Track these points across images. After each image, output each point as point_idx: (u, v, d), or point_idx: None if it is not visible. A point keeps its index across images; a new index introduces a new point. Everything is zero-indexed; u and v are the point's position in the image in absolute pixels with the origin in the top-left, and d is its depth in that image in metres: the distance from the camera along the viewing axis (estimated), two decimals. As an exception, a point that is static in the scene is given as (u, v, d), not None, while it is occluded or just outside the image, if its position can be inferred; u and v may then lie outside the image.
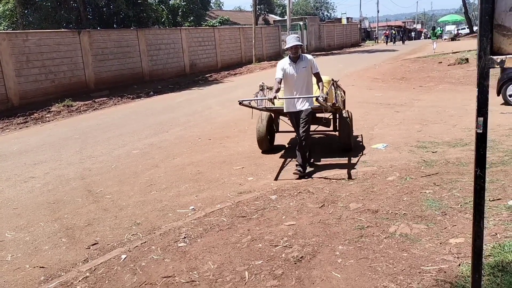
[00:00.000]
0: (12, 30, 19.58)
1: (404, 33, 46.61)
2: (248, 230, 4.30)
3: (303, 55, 5.81)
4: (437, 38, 29.46)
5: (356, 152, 6.69)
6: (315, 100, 5.35)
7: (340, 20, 55.23)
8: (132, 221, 4.80)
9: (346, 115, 6.54)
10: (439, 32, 33.77)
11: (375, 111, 9.88)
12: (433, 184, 4.98)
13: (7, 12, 21.24)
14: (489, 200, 4.30)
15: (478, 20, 1.65)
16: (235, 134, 8.71)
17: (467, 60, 17.54)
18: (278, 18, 48.10)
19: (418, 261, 3.37)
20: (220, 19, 33.24)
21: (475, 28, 51.16)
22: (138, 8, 22.62)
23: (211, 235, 4.28)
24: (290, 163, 6.45)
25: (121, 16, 23.17)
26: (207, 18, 33.55)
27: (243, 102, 5.74)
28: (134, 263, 3.84)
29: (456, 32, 47.09)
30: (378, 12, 62.08)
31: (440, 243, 3.63)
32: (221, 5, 59.04)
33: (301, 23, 37.82)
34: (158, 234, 4.39)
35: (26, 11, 21.82)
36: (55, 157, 7.85)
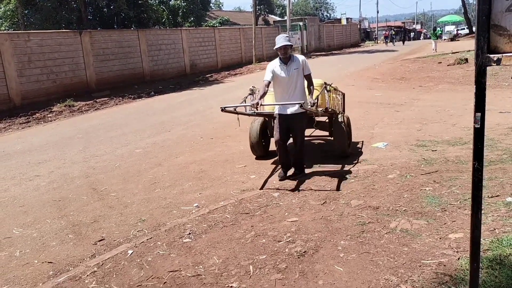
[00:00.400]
0: (14, 31, 19.64)
1: (404, 34, 46.63)
2: (252, 226, 4.39)
3: (295, 56, 5.49)
4: (437, 39, 29.58)
5: (351, 159, 6.31)
6: (300, 107, 5.01)
7: (340, 21, 55.35)
8: (138, 218, 4.89)
9: (341, 120, 6.18)
10: (439, 33, 33.88)
11: (375, 111, 9.98)
12: (433, 182, 5.07)
13: (8, 13, 21.30)
14: (488, 197, 4.38)
15: (476, 20, 1.74)
16: (237, 133, 8.79)
17: (467, 60, 17.65)
18: (278, 19, 48.21)
19: (419, 255, 3.46)
20: (220, 20, 33.33)
21: (475, 29, 51.32)
22: (139, 9, 22.73)
23: (215, 231, 4.37)
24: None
25: (122, 17, 23.28)
26: (207, 19, 33.65)
27: (226, 109, 5.37)
28: (141, 258, 3.93)
29: (456, 33, 47.25)
30: (378, 13, 62.20)
31: (440, 238, 3.72)
32: (221, 6, 59.08)
33: (301, 24, 37.91)
34: (163, 230, 4.48)
35: (27, 12, 21.90)
36: (59, 156, 7.94)
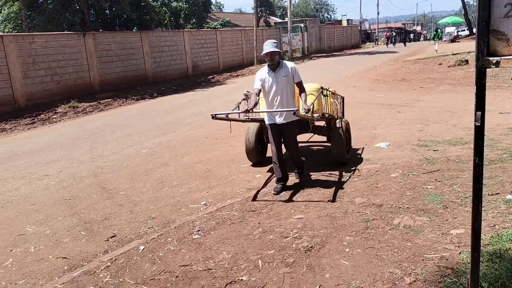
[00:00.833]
0: (18, 33, 19.81)
1: (406, 35, 46.71)
2: (259, 223, 4.53)
3: (284, 63, 5.21)
4: (439, 40, 29.79)
5: (350, 167, 6.08)
6: (293, 114, 4.76)
7: (341, 22, 55.52)
8: (147, 216, 5.02)
9: (340, 125, 5.97)
10: (440, 34, 34.09)
11: (377, 111, 10.12)
12: (435, 180, 5.20)
13: (12, 15, 21.48)
14: (488, 195, 4.51)
15: (476, 25, 1.88)
16: (241, 134, 8.87)
17: (467, 62, 17.77)
18: (279, 20, 48.38)
19: (421, 250, 3.60)
20: (222, 21, 33.51)
21: (475, 30, 51.44)
22: (141, 11, 22.89)
23: (224, 228, 4.50)
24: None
25: (124, 18, 23.45)
26: (209, 20, 33.82)
27: (217, 116, 5.15)
28: (152, 254, 4.06)
29: (456, 34, 47.38)
30: (378, 14, 62.37)
31: (442, 234, 3.85)
32: (222, 7, 59.39)
33: (302, 25, 38.07)
34: (173, 227, 4.61)
35: (30, 14, 22.06)
36: (67, 156, 8.08)
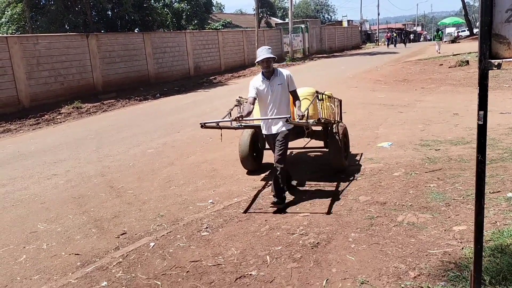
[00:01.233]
0: (21, 34, 19.93)
1: (406, 36, 46.77)
2: (266, 221, 4.64)
3: (278, 70, 5.00)
4: (440, 40, 29.98)
5: (349, 175, 5.84)
6: (286, 122, 4.62)
7: (341, 23, 55.66)
8: (156, 213, 5.14)
9: (336, 130, 5.77)
10: (441, 35, 34.27)
11: (379, 112, 10.23)
12: (437, 179, 5.31)
13: (15, 16, 21.59)
14: (490, 193, 4.63)
15: (479, 30, 1.99)
16: (245, 134, 9.04)
17: (468, 62, 17.88)
18: (280, 21, 48.53)
19: (425, 246, 3.71)
20: (223, 22, 33.65)
21: (475, 30, 51.65)
22: (144, 12, 23.00)
23: (231, 225, 4.62)
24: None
25: (127, 20, 23.55)
26: (210, 22, 33.94)
27: (207, 125, 4.91)
28: (163, 250, 4.18)
29: (456, 35, 47.51)
30: (379, 15, 62.49)
31: (445, 230, 3.96)
32: (222, 8, 59.61)
33: (303, 26, 38.20)
34: (182, 225, 4.73)
35: (33, 15, 22.18)
36: (74, 156, 8.19)
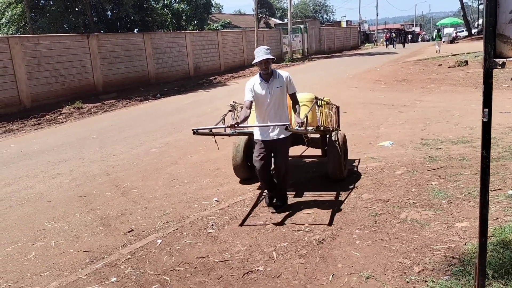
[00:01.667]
0: (21, 34, 19.98)
1: (405, 36, 46.84)
2: (271, 218, 4.71)
3: (277, 72, 4.69)
4: (440, 40, 30.18)
5: (348, 184, 5.54)
6: (286, 129, 4.31)
7: (340, 23, 55.84)
8: (162, 211, 5.20)
9: (336, 138, 5.46)
10: (441, 35, 34.48)
11: (380, 111, 10.31)
12: (439, 177, 5.39)
13: (15, 17, 21.66)
14: (491, 190, 4.70)
15: (484, 30, 2.07)
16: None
17: (467, 63, 17.97)
18: (279, 22, 48.65)
19: (428, 242, 3.79)
20: (223, 23, 33.74)
21: (474, 31, 51.83)
22: (144, 12, 23.08)
23: (237, 223, 4.68)
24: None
25: (127, 20, 23.64)
26: (209, 22, 34.03)
27: (199, 131, 4.63)
28: (170, 247, 4.24)
29: (455, 35, 47.67)
30: (378, 15, 62.66)
31: (447, 227, 4.04)
32: (221, 8, 59.65)
33: (302, 26, 38.30)
34: (188, 222, 4.80)
35: (33, 16, 22.24)
36: (77, 156, 8.25)
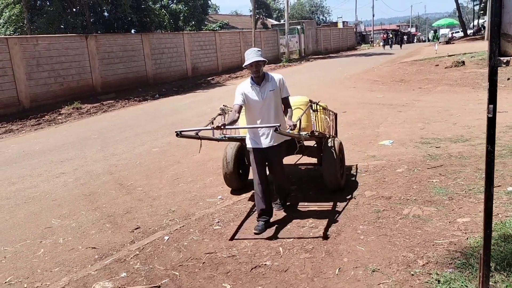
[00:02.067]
0: (19, 35, 19.98)
1: (402, 37, 47.03)
2: (275, 215, 4.79)
3: (270, 75, 4.41)
4: (438, 40, 30.46)
5: (346, 193, 5.22)
6: (275, 131, 3.85)
7: (336, 24, 56.06)
8: (167, 209, 5.28)
9: (332, 145, 5.09)
10: (439, 35, 34.80)
11: (379, 111, 10.42)
12: (439, 175, 5.49)
13: (13, 17, 21.63)
14: (490, 187, 4.81)
15: (489, 30, 2.16)
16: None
17: (463, 63, 18.12)
18: (275, 22, 48.73)
19: (431, 236, 3.88)
20: (220, 23, 33.83)
21: (469, 32, 52.14)
22: (142, 13, 23.11)
23: (242, 220, 4.76)
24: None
25: (124, 21, 23.66)
26: (207, 23, 34.09)
27: (183, 134, 4.20)
28: (177, 243, 4.32)
29: (451, 36, 47.95)
30: (374, 16, 62.92)
31: (449, 222, 4.14)
32: (217, 9, 59.69)
33: (299, 27, 38.43)
34: (194, 219, 4.87)
35: (31, 16, 22.22)
36: (80, 155, 8.31)
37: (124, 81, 19.65)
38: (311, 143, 5.52)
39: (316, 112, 5.03)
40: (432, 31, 35.45)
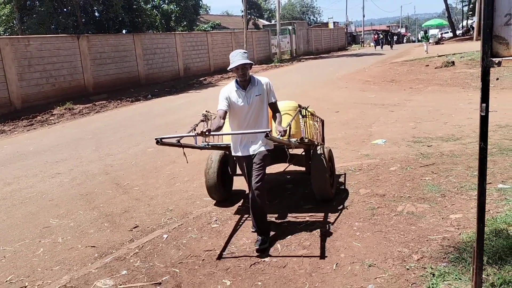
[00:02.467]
0: (10, 35, 19.86)
1: (392, 37, 47.36)
2: (273, 211, 4.87)
3: (256, 79, 4.13)
4: (428, 41, 30.79)
5: (337, 204, 4.93)
6: (265, 137, 3.59)
7: (327, 25, 56.33)
8: (165, 208, 5.33)
9: (321, 152, 4.87)
10: (429, 36, 35.17)
11: (371, 111, 10.55)
12: (431, 172, 5.62)
13: (4, 17, 21.49)
14: (481, 184, 4.93)
15: (482, 32, 2.26)
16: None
17: (453, 63, 18.36)
18: (267, 23, 48.92)
19: (425, 232, 3.99)
20: (212, 24, 33.85)
21: (458, 32, 52.72)
22: (133, 13, 23.07)
23: (238, 218, 4.83)
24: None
25: (115, 21, 23.57)
26: (198, 23, 34.11)
27: (163, 141, 3.89)
28: (176, 241, 4.38)
29: (440, 36, 48.44)
30: (364, 17, 63.37)
31: (442, 218, 4.25)
32: (208, 10, 59.71)
33: (290, 28, 38.62)
34: (192, 218, 4.94)
35: (22, 16, 22.07)
36: (74, 156, 8.32)
37: (116, 82, 19.63)
38: (299, 151, 5.27)
39: (305, 118, 4.84)
40: (422, 32, 35.76)
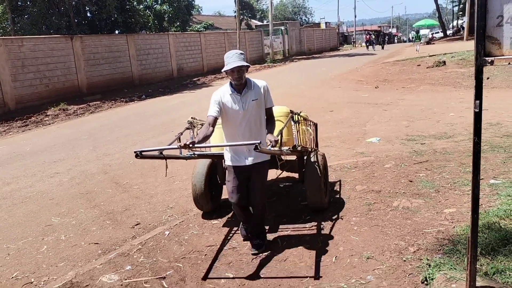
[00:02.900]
0: (2, 36, 19.78)
1: (384, 38, 47.70)
2: (271, 208, 4.98)
3: (253, 82, 3.81)
4: (419, 41, 31.11)
5: (331, 214, 4.68)
6: (254, 149, 3.20)
7: (319, 25, 56.63)
8: (165, 206, 5.43)
9: (315, 160, 4.61)
10: (420, 36, 35.59)
11: (365, 110, 10.71)
12: (425, 169, 5.76)
13: (-5, 18, 21.44)
14: (474, 180, 5.09)
15: (476, 33, 2.39)
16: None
17: (444, 63, 18.60)
18: (259, 23, 49.06)
19: (420, 226, 4.13)
20: (205, 24, 33.91)
21: (449, 32, 53.26)
22: (127, 14, 23.09)
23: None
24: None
25: (108, 21, 23.58)
26: (192, 23, 34.16)
27: (144, 154, 3.55)
28: (178, 237, 4.48)
29: (431, 36, 48.92)
30: (356, 17, 63.75)
31: (437, 213, 4.39)
32: (200, 10, 59.72)
33: (283, 28, 38.78)
34: (192, 215, 5.04)
35: (15, 17, 21.99)
36: (72, 156, 8.37)
37: (110, 82, 19.63)
38: (292, 157, 4.91)
39: (298, 124, 4.64)
40: (414, 32, 36.17)
